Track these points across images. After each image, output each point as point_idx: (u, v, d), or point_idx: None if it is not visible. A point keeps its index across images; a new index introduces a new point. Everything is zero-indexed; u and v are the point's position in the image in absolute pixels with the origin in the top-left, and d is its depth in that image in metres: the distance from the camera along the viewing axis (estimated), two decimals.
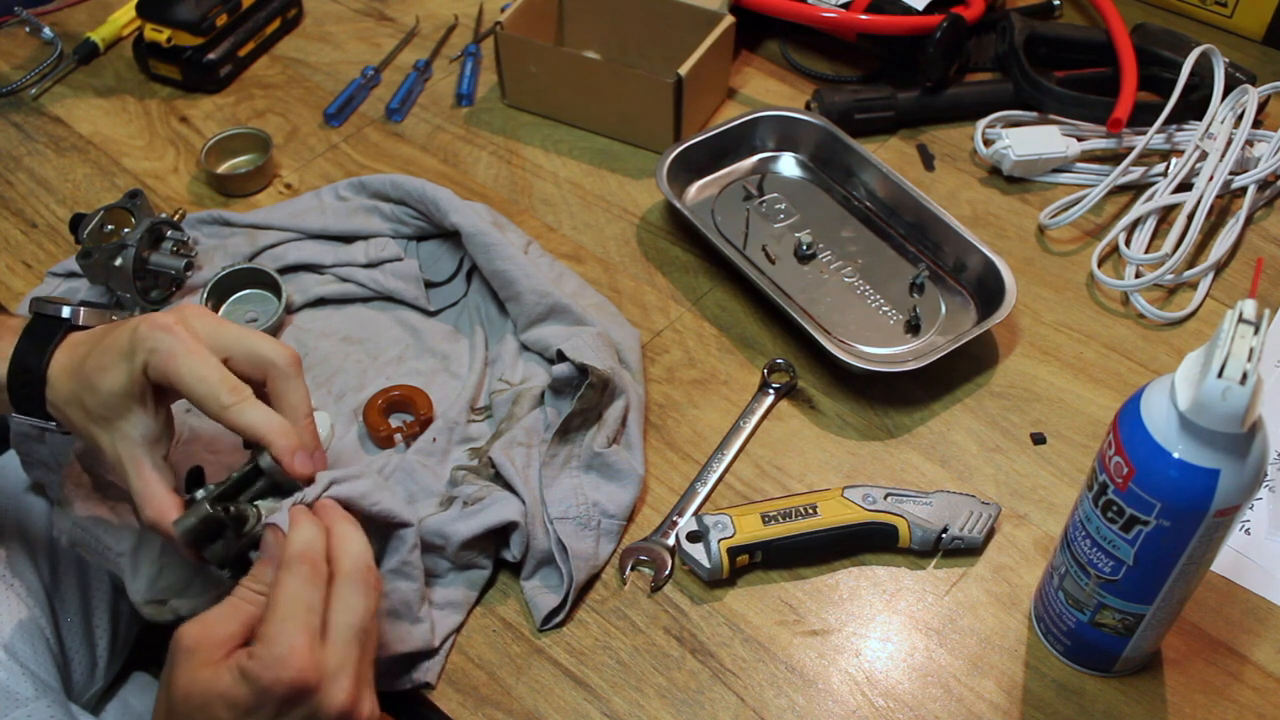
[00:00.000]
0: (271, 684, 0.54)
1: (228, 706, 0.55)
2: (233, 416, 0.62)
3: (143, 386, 0.62)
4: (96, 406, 0.63)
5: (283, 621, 0.56)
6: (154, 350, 0.61)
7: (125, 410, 0.63)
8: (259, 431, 0.62)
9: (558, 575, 0.74)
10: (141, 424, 0.63)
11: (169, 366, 0.61)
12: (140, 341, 0.62)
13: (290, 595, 0.57)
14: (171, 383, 0.62)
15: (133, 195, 0.91)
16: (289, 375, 0.64)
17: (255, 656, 0.55)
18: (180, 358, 0.61)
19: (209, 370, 0.62)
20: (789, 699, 0.70)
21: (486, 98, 1.10)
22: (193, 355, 0.62)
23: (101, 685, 0.86)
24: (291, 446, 0.62)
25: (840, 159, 0.99)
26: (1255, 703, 0.70)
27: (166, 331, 0.62)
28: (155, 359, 0.61)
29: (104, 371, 0.63)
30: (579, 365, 0.79)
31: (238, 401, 0.62)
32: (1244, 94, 0.98)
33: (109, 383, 0.62)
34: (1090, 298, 0.92)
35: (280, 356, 0.64)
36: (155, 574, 0.72)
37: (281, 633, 0.55)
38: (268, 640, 0.55)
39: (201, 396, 0.62)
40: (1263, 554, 0.76)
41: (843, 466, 0.81)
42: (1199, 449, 0.56)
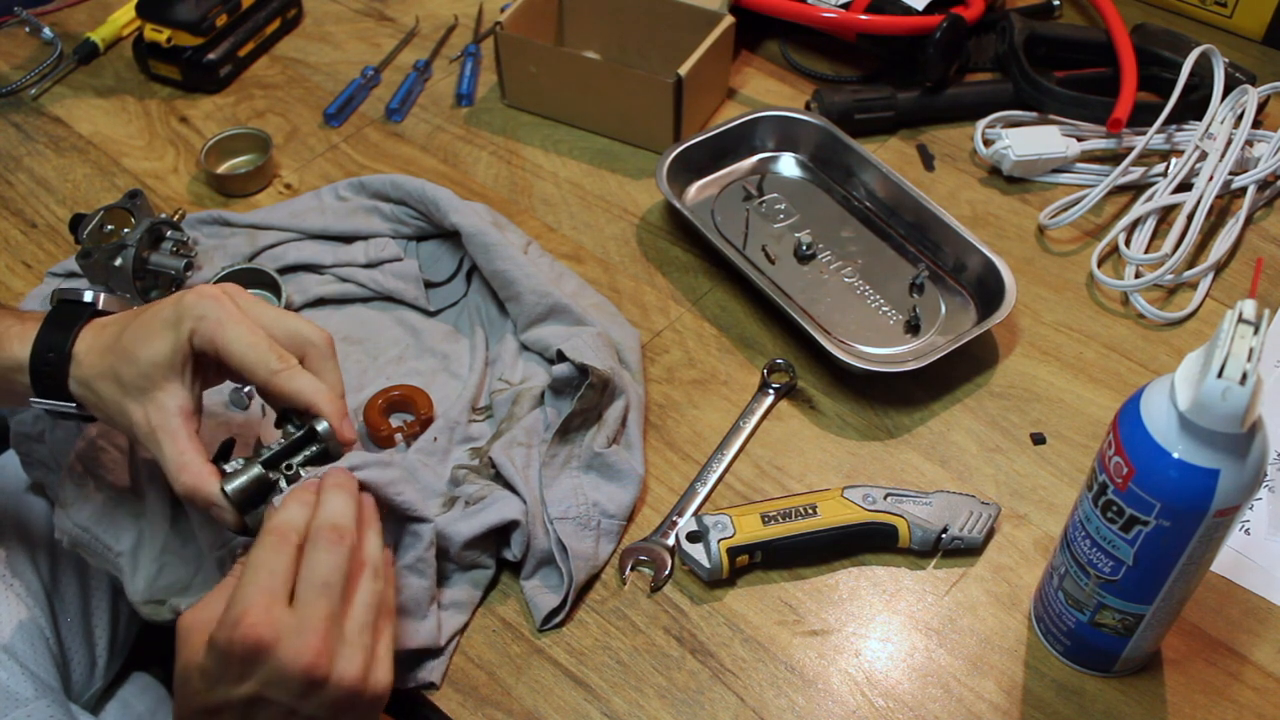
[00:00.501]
0: (226, 644, 0.55)
1: (200, 677, 0.56)
2: (282, 382, 0.63)
3: (185, 356, 0.63)
4: (134, 377, 0.64)
5: (242, 587, 0.57)
6: (202, 317, 0.63)
7: (164, 380, 0.63)
8: (309, 397, 0.64)
9: (558, 575, 0.74)
10: (178, 395, 0.64)
11: (218, 333, 0.62)
12: (188, 309, 0.63)
13: (254, 562, 0.58)
14: (219, 349, 0.63)
15: (132, 195, 0.91)
16: (327, 355, 0.66)
17: (220, 621, 0.56)
18: (229, 325, 0.63)
19: (257, 338, 0.63)
20: (789, 699, 0.70)
21: (486, 98, 1.10)
22: (240, 324, 0.63)
23: (101, 685, 0.86)
24: (341, 411, 0.64)
25: (840, 159, 0.99)
26: (1255, 703, 0.70)
27: (215, 300, 0.63)
28: (204, 325, 0.62)
29: (146, 342, 0.63)
30: (579, 365, 0.79)
31: (287, 368, 0.63)
32: (1244, 94, 0.98)
33: (151, 352, 0.63)
34: (1090, 298, 0.92)
35: (319, 336, 0.66)
36: (154, 574, 0.73)
37: (239, 596, 0.56)
38: (228, 605, 0.56)
39: (252, 363, 0.63)
40: (1263, 554, 0.76)
41: (843, 466, 0.81)
42: (1199, 449, 0.56)
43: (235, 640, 0.55)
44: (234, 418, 0.80)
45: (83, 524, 0.74)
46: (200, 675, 0.56)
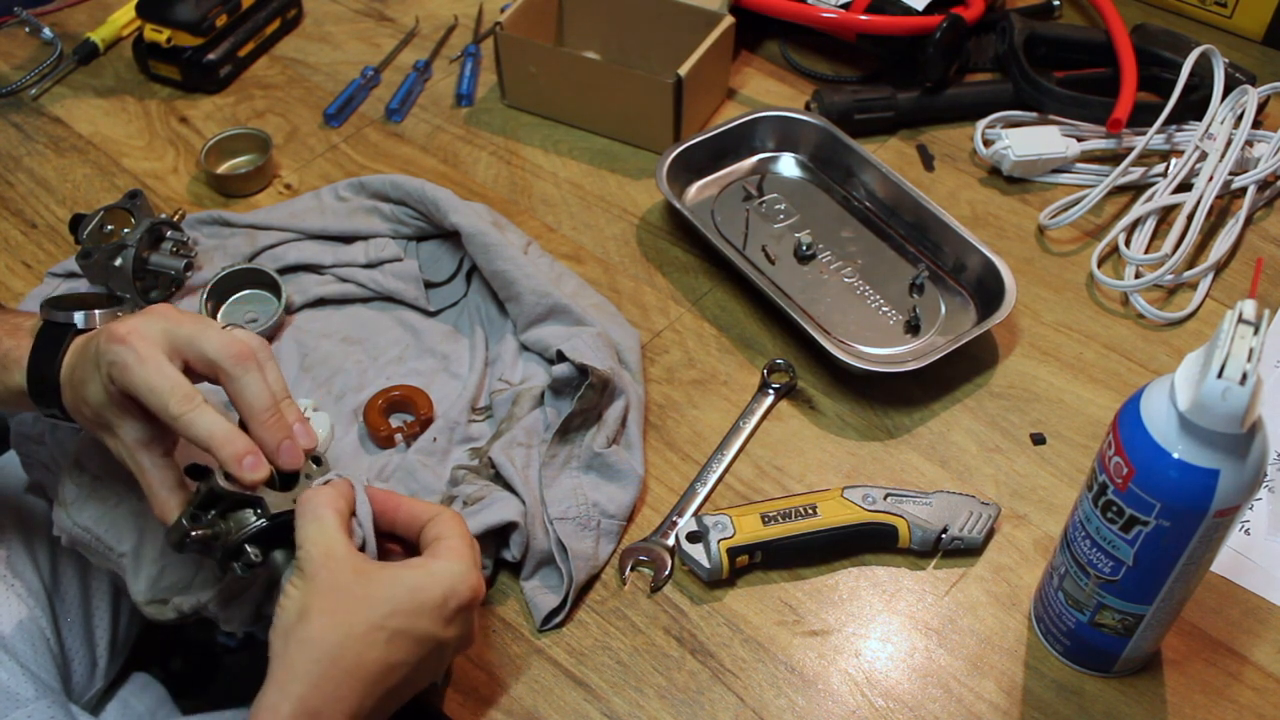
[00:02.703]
0: (469, 590, 0.62)
1: (422, 600, 0.61)
2: (183, 428, 0.61)
3: (115, 395, 0.62)
4: (92, 415, 0.64)
5: (464, 548, 0.63)
6: (111, 364, 0.61)
7: (113, 418, 0.63)
8: (204, 442, 0.61)
9: (557, 575, 0.74)
10: (132, 429, 0.63)
11: (125, 380, 0.61)
12: (101, 355, 0.62)
13: (463, 534, 0.64)
14: (130, 392, 0.61)
15: (132, 195, 0.91)
16: (236, 374, 0.63)
17: (444, 558, 0.62)
18: (132, 369, 0.61)
19: (159, 379, 0.61)
20: (789, 699, 0.70)
21: (486, 98, 1.10)
22: (144, 364, 0.61)
23: (101, 685, 0.86)
24: (237, 454, 0.61)
25: (840, 159, 0.99)
26: (1255, 703, 0.70)
27: (120, 344, 0.61)
28: (114, 372, 0.61)
29: (85, 385, 0.63)
30: (579, 365, 0.79)
31: (187, 411, 0.61)
32: (1244, 94, 0.98)
33: (90, 395, 0.63)
34: (1090, 298, 0.92)
35: (225, 354, 0.63)
36: (156, 573, 0.73)
37: (466, 554, 0.63)
38: (454, 553, 0.63)
39: (155, 409, 0.61)
40: (1263, 554, 0.76)
41: (842, 467, 0.81)
42: (1199, 449, 0.56)
43: (467, 595, 0.62)
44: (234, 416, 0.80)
45: (84, 525, 0.74)
46: (410, 608, 0.60)
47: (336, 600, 0.59)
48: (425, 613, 0.60)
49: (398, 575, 0.61)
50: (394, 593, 0.60)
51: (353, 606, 0.59)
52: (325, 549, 0.60)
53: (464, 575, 0.61)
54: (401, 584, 0.60)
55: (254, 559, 0.63)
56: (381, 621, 0.59)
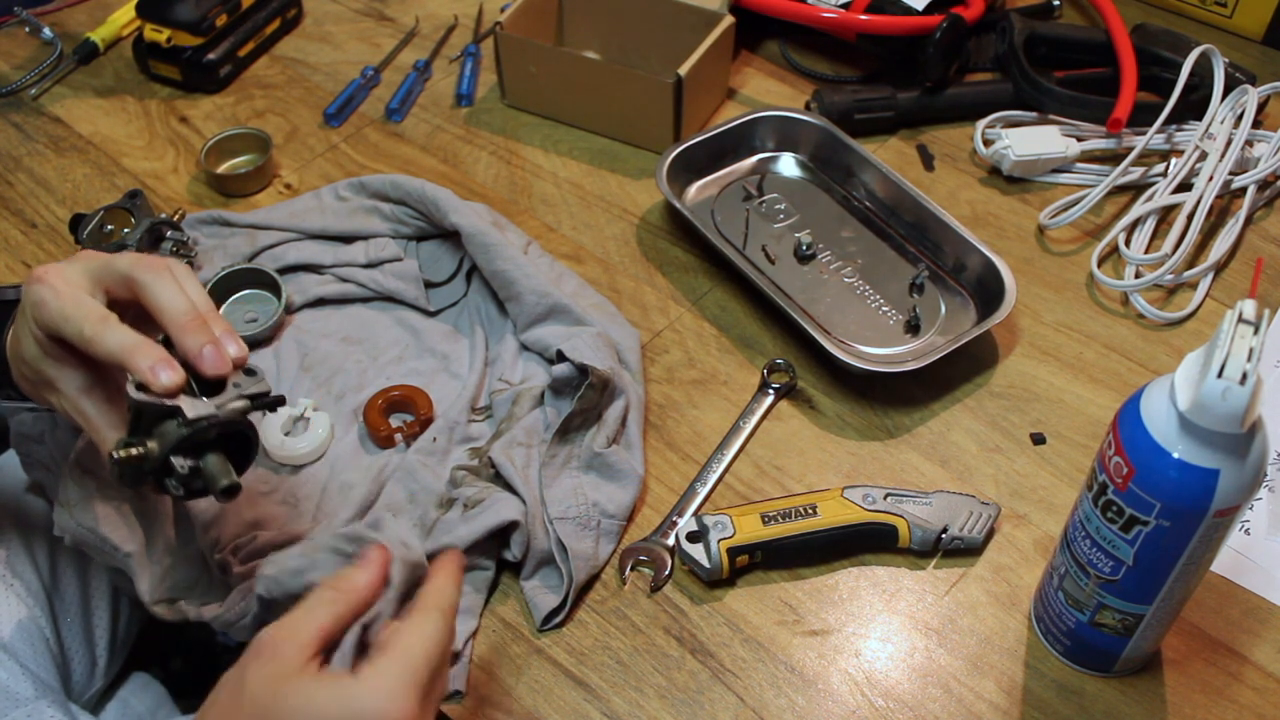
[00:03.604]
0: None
1: None
2: (96, 347, 0.59)
3: (48, 345, 0.61)
4: (32, 375, 0.63)
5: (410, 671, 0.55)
6: (34, 304, 0.61)
7: (50, 369, 0.62)
8: (116, 355, 0.59)
9: (557, 575, 0.74)
10: (70, 377, 0.62)
11: (43, 316, 0.60)
12: (26, 300, 0.61)
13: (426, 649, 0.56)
14: (51, 330, 0.60)
15: (132, 195, 0.91)
16: (148, 280, 0.61)
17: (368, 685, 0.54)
18: (49, 304, 0.60)
19: (73, 307, 0.60)
20: (789, 699, 0.70)
21: (486, 98, 1.10)
22: (60, 297, 0.60)
23: (101, 685, 0.86)
24: (148, 362, 0.59)
25: (840, 159, 0.99)
26: (1255, 703, 0.70)
27: (39, 283, 0.61)
28: (36, 312, 0.61)
29: (20, 340, 0.63)
30: (579, 365, 0.79)
31: (99, 331, 0.59)
32: (1244, 94, 0.98)
33: (26, 350, 0.62)
34: (1090, 298, 0.92)
35: (136, 264, 0.62)
36: (160, 574, 0.73)
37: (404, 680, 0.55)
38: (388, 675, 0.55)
39: (70, 336, 0.60)
40: (1263, 554, 0.76)
41: (842, 466, 0.81)
42: (1199, 449, 0.56)
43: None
44: None
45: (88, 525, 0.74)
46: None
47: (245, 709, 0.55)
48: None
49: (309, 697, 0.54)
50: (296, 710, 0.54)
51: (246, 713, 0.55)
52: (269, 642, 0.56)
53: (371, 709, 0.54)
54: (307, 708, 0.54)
55: (182, 471, 0.59)
56: None
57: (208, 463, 0.60)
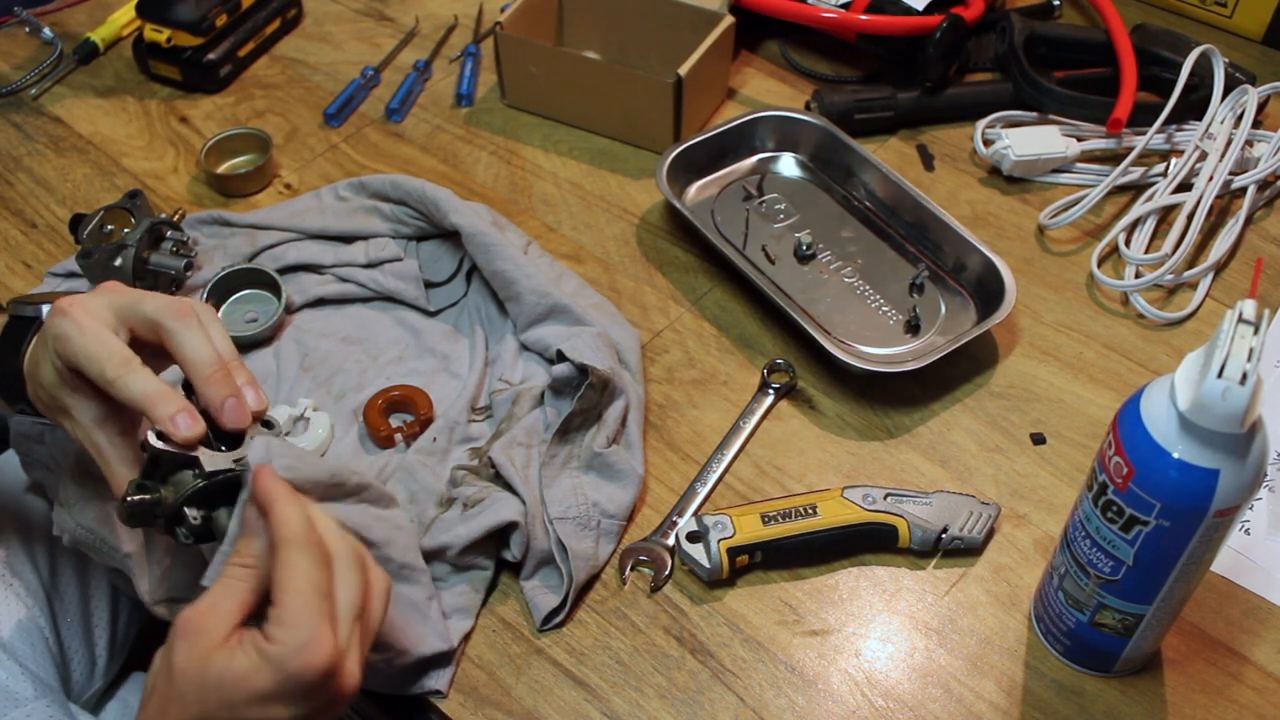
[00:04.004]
0: (301, 671, 0.54)
1: (247, 691, 0.55)
2: (118, 391, 0.60)
3: (67, 375, 0.62)
4: (48, 400, 0.63)
5: (305, 607, 0.55)
6: (56, 337, 0.61)
7: (66, 398, 0.62)
8: (137, 402, 0.60)
9: (557, 575, 0.74)
10: (86, 408, 0.62)
11: (66, 350, 0.60)
12: (49, 331, 0.62)
13: (306, 578, 0.55)
14: (72, 365, 0.61)
15: (132, 195, 0.91)
16: (175, 329, 0.62)
17: (277, 641, 0.54)
18: (72, 340, 0.60)
19: (97, 346, 0.60)
20: (789, 699, 0.70)
21: (486, 98, 1.10)
22: (84, 334, 0.60)
23: (101, 685, 0.86)
24: (169, 412, 0.59)
25: (840, 159, 0.99)
26: (1255, 703, 0.70)
27: (63, 316, 0.61)
28: (58, 345, 0.61)
29: (40, 365, 0.63)
30: (579, 365, 0.79)
31: (122, 374, 0.60)
32: (1244, 94, 0.98)
33: (44, 377, 0.63)
34: (1090, 298, 0.92)
35: (164, 310, 0.62)
36: (161, 574, 0.73)
37: (304, 618, 0.55)
38: (288, 624, 0.54)
39: (94, 376, 0.60)
40: (1263, 554, 0.76)
41: (843, 466, 0.81)
42: (1199, 449, 0.56)
43: (313, 669, 0.54)
44: None
45: (88, 525, 0.74)
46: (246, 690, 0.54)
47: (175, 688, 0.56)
48: (254, 702, 0.55)
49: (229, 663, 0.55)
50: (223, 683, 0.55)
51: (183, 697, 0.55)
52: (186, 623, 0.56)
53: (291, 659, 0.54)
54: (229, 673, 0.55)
55: (194, 522, 0.60)
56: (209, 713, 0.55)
57: (219, 515, 0.61)
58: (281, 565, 0.56)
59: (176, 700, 0.55)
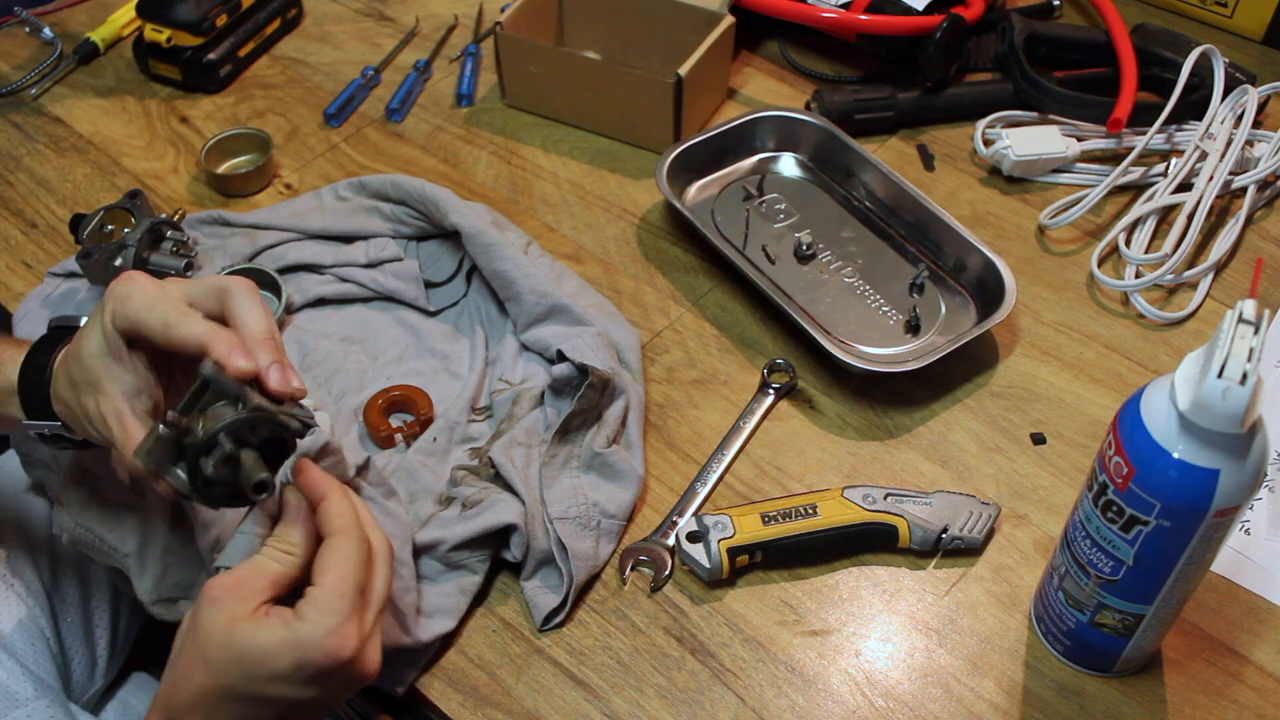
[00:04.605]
0: (326, 655, 0.57)
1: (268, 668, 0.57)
2: (175, 332, 0.62)
3: (115, 340, 0.63)
4: (82, 374, 0.64)
5: (342, 596, 0.58)
6: (119, 297, 0.62)
7: (104, 369, 0.63)
8: (198, 338, 0.61)
9: (558, 575, 0.74)
10: (120, 378, 0.63)
11: (126, 308, 0.62)
12: (107, 297, 0.63)
13: (351, 567, 0.59)
14: (130, 322, 0.62)
15: (133, 195, 0.91)
16: (241, 295, 0.64)
17: (308, 620, 0.57)
18: (135, 298, 0.62)
19: (160, 299, 0.62)
20: (789, 699, 0.70)
21: (486, 98, 1.10)
22: (148, 292, 0.62)
23: (101, 685, 0.86)
24: (229, 346, 0.61)
25: (840, 159, 0.99)
26: (1255, 703, 0.70)
27: (129, 281, 0.63)
28: (117, 306, 0.62)
29: (84, 338, 0.64)
30: (579, 365, 0.79)
31: (183, 318, 0.62)
32: (1244, 94, 0.98)
33: (87, 346, 0.63)
34: (1090, 298, 0.92)
35: (231, 280, 0.65)
36: (160, 573, 0.73)
37: (339, 605, 0.58)
38: (323, 607, 0.58)
39: (153, 323, 0.62)
40: (1263, 554, 0.76)
41: (843, 466, 0.81)
42: (1199, 449, 0.56)
43: (336, 657, 0.57)
44: None
45: (88, 525, 0.74)
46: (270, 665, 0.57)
47: (199, 652, 0.58)
48: (275, 680, 0.57)
49: (255, 635, 0.57)
50: (246, 655, 0.57)
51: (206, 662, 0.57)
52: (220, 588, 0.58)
53: (316, 643, 0.57)
54: (255, 647, 0.57)
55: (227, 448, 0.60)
56: (230, 684, 0.57)
57: (245, 456, 0.61)
58: (330, 550, 0.59)
59: (202, 664, 0.57)
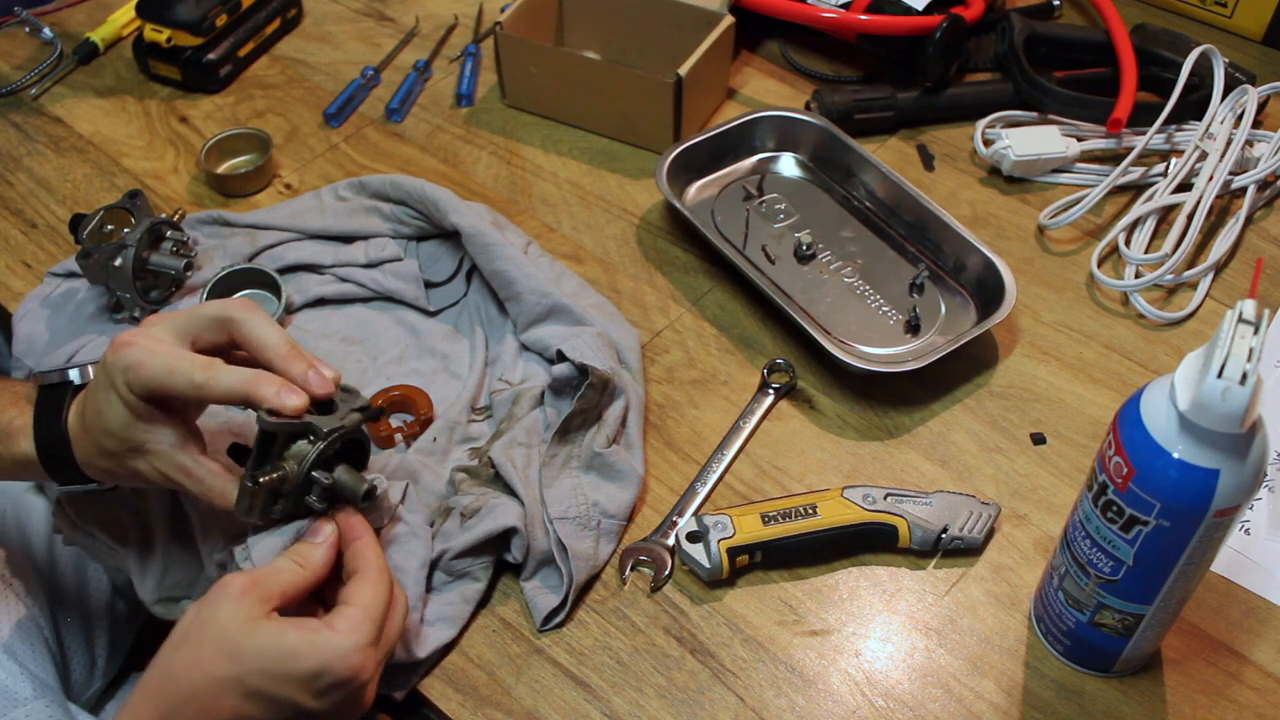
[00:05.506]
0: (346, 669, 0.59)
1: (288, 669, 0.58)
2: (211, 391, 0.62)
3: (139, 406, 0.63)
4: (117, 445, 0.64)
5: (370, 621, 0.60)
6: (125, 369, 0.62)
7: (142, 434, 0.64)
8: (239, 391, 0.62)
9: (558, 575, 0.74)
10: (165, 435, 0.64)
11: (141, 377, 0.62)
12: (111, 368, 0.63)
13: (380, 602, 0.61)
14: (150, 389, 0.62)
15: (132, 195, 0.91)
16: (245, 317, 0.65)
17: (339, 632, 0.59)
18: (146, 364, 0.62)
19: (175, 360, 0.62)
20: (789, 699, 0.70)
21: (486, 98, 1.10)
22: (156, 355, 0.62)
23: (100, 685, 0.86)
24: (273, 388, 0.62)
25: (840, 159, 0.99)
26: (1255, 703, 0.70)
27: (127, 347, 0.63)
28: (129, 376, 0.62)
29: (103, 413, 0.64)
30: (579, 365, 0.79)
31: (212, 374, 0.62)
32: (1244, 94, 0.98)
33: (112, 419, 0.63)
34: (1090, 298, 0.92)
35: (228, 307, 0.65)
36: (161, 573, 0.73)
37: (366, 629, 0.60)
38: (355, 624, 0.59)
39: (179, 388, 0.62)
40: (1263, 554, 0.76)
41: (843, 466, 0.81)
42: (1199, 449, 0.56)
43: (353, 670, 0.59)
44: (235, 417, 0.80)
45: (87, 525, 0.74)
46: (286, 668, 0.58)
47: (213, 642, 0.58)
48: (291, 681, 0.58)
49: (280, 635, 0.58)
50: (267, 651, 0.58)
51: (224, 652, 0.58)
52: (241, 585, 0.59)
53: (345, 654, 0.58)
54: (279, 645, 0.58)
55: (325, 482, 0.63)
56: (243, 676, 0.58)
57: (341, 474, 0.65)
58: (365, 580, 0.62)
59: (218, 655, 0.58)
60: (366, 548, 0.64)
